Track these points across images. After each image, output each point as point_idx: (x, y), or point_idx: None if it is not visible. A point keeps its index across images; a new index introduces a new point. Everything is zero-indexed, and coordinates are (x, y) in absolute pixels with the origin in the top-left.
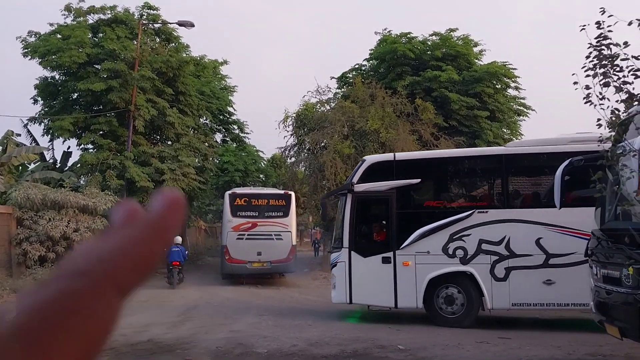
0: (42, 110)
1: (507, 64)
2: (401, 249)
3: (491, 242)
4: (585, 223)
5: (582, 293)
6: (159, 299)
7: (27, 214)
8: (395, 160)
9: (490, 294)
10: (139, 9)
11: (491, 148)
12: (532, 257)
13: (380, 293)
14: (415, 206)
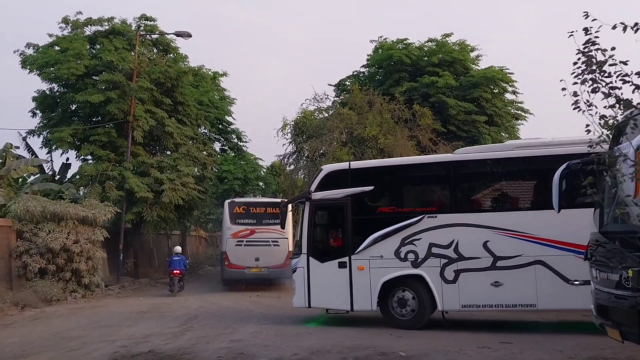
0: (41, 123)
1: (504, 69)
2: (356, 254)
3: (441, 245)
4: (531, 226)
5: (529, 294)
6: (159, 309)
7: (27, 226)
8: (350, 168)
9: (440, 295)
10: (136, 20)
11: (440, 155)
12: (480, 259)
13: (337, 297)
14: (369, 212)
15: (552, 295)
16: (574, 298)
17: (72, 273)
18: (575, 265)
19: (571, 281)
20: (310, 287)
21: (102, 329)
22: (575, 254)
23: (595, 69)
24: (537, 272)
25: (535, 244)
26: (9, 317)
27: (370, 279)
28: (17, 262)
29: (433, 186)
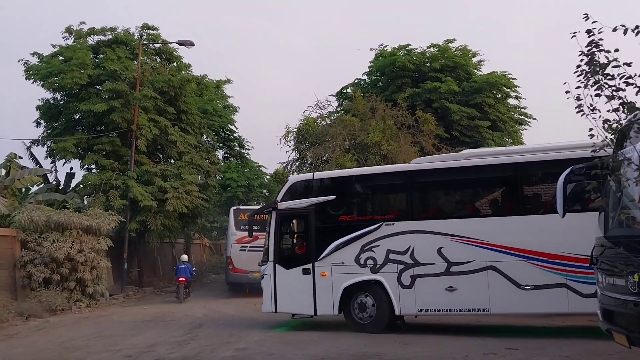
0: (45, 132)
1: (506, 74)
2: (319, 261)
3: (398, 252)
4: (483, 232)
5: (482, 299)
6: (163, 318)
7: (31, 236)
8: (314, 179)
9: (398, 300)
10: (139, 29)
11: (397, 165)
12: (435, 265)
13: (302, 302)
14: (331, 221)
15: (504, 299)
16: (525, 303)
17: (76, 282)
18: (526, 271)
19: (522, 286)
20: (276, 293)
21: (107, 338)
22: (526, 260)
23: (599, 71)
24: (490, 277)
25: (487, 250)
26: (14, 327)
27: (332, 285)
28: (22, 272)
29: (391, 195)
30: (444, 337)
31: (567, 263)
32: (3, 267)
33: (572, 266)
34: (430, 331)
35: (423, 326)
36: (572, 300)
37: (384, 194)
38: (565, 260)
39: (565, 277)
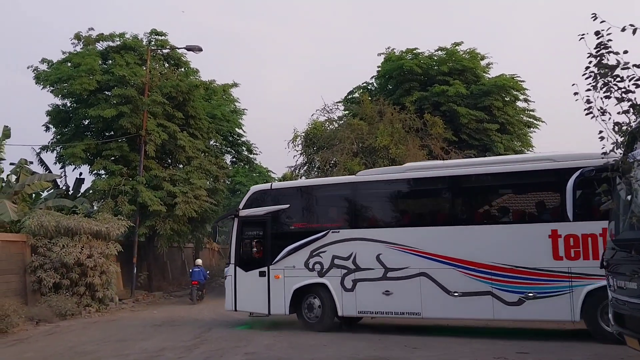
0: (54, 138)
1: (515, 77)
2: (274, 264)
3: (342, 257)
4: (416, 240)
5: (414, 303)
6: (173, 322)
7: (41, 241)
8: (272, 189)
9: (341, 302)
10: (147, 35)
11: (343, 177)
12: (374, 270)
13: (258, 302)
14: (285, 228)
15: (435, 304)
16: (454, 308)
17: (86, 287)
18: (455, 278)
19: (451, 292)
20: (236, 293)
21: (116, 343)
22: (455, 268)
23: (608, 73)
24: (422, 283)
25: (420, 258)
26: (24, 332)
27: (284, 287)
28: (32, 277)
29: (338, 204)
30: (453, 341)
31: (493, 272)
32: (14, 272)
33: (498, 275)
34: (439, 334)
35: (431, 329)
36: (497, 308)
37: (331, 203)
38: (491, 269)
39: (491, 286)
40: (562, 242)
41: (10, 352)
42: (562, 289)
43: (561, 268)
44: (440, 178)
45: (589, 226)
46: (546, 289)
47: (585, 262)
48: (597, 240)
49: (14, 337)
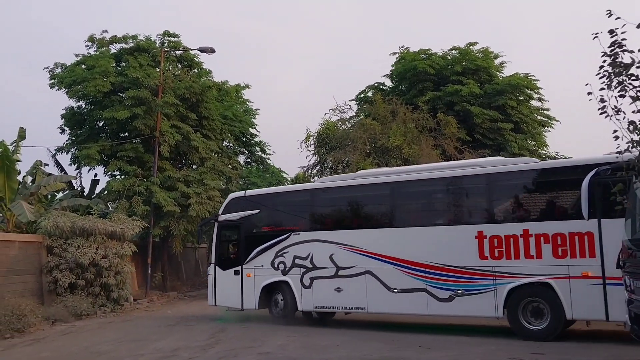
0: (69, 140)
1: (529, 76)
2: (246, 264)
3: (301, 257)
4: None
5: (361, 299)
6: (187, 322)
7: (56, 242)
8: (245, 196)
9: (300, 298)
10: (160, 37)
11: (303, 184)
12: (327, 269)
13: (233, 298)
14: (255, 231)
15: (378, 300)
16: (394, 303)
17: (101, 287)
18: (395, 276)
19: (392, 289)
20: (216, 290)
21: (131, 343)
22: (395, 266)
23: (622, 72)
24: (367, 280)
25: (365, 257)
26: (41, 332)
27: (254, 284)
28: (48, 277)
29: (298, 209)
30: (467, 341)
31: (427, 270)
32: (30, 273)
33: (431, 273)
34: (454, 334)
35: (446, 329)
36: (431, 304)
37: (293, 208)
38: (425, 267)
39: (425, 283)
40: (487, 242)
41: (27, 351)
42: (487, 286)
43: (486, 267)
44: (381, 184)
45: (511, 228)
46: (473, 287)
47: (507, 262)
48: (519, 241)
49: (30, 337)
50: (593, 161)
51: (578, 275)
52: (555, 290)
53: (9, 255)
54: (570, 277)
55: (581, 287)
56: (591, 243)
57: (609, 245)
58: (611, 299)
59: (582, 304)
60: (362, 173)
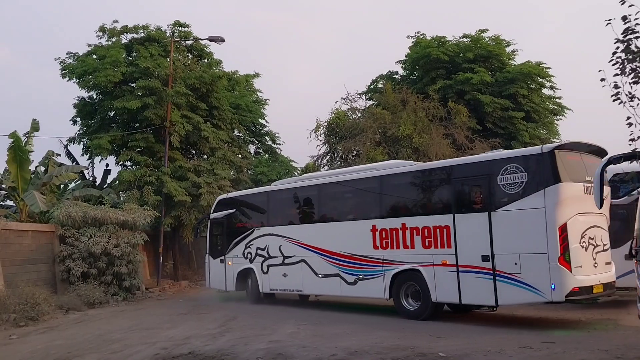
0: (81, 130)
1: (541, 64)
2: (227, 254)
3: (261, 248)
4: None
5: (298, 283)
6: (198, 310)
7: (69, 231)
8: (227, 197)
9: (261, 282)
10: (171, 26)
11: (263, 187)
12: (277, 258)
13: (220, 282)
14: (233, 226)
15: (310, 284)
16: (320, 286)
17: (113, 276)
18: (320, 263)
19: (318, 274)
20: (210, 275)
21: (143, 331)
22: (320, 256)
23: (636, 58)
24: (302, 267)
25: (301, 248)
26: (54, 320)
27: (233, 270)
28: (61, 267)
29: (259, 208)
30: (477, 330)
31: (340, 259)
32: (43, 262)
33: (342, 261)
34: (465, 323)
35: (457, 318)
36: (342, 287)
37: (257, 207)
38: (338, 256)
39: (339, 269)
40: (378, 235)
41: (42, 339)
42: (378, 272)
43: (377, 256)
44: (310, 186)
45: (394, 222)
46: (369, 273)
47: (391, 251)
48: (399, 233)
49: (44, 325)
50: (451, 163)
51: (439, 263)
52: (424, 276)
53: (22, 244)
54: (434, 264)
55: (442, 273)
56: (448, 235)
57: (461, 237)
58: (463, 284)
59: (443, 288)
60: (303, 176)
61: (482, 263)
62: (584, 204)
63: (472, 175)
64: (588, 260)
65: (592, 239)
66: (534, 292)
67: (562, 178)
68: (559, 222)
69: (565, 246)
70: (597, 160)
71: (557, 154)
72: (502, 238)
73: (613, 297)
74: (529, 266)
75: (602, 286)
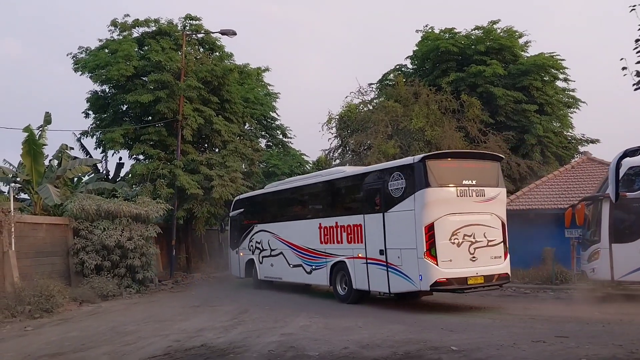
0: (94, 124)
1: (554, 55)
2: (239, 247)
3: (258, 242)
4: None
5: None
6: (211, 303)
7: (82, 224)
8: (239, 199)
9: (259, 271)
10: (182, 20)
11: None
12: (267, 250)
13: (236, 269)
14: (243, 224)
15: (285, 273)
16: (291, 275)
17: (126, 269)
18: (291, 255)
19: (290, 265)
20: (231, 264)
21: (156, 323)
22: (291, 249)
23: None
24: (280, 259)
25: (280, 242)
26: (69, 312)
27: (243, 260)
28: (75, 259)
29: (258, 208)
30: (490, 324)
31: (302, 252)
32: (57, 255)
33: (304, 254)
34: (477, 318)
35: (469, 312)
36: (304, 275)
37: (256, 207)
38: (301, 250)
39: (301, 261)
40: (322, 231)
41: (56, 331)
42: (323, 263)
43: (322, 249)
44: (285, 190)
45: (330, 220)
46: (319, 263)
47: (330, 245)
48: (334, 230)
49: (59, 317)
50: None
51: (356, 256)
52: (348, 266)
53: (37, 237)
54: (353, 257)
55: (358, 265)
56: (361, 233)
57: (368, 234)
58: (370, 274)
59: (359, 277)
60: (285, 180)
61: (379, 256)
62: (457, 205)
63: (374, 182)
64: (461, 254)
65: (470, 235)
66: (410, 282)
67: (431, 184)
68: (426, 222)
69: (431, 243)
70: (479, 165)
71: (426, 162)
72: (391, 235)
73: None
74: (406, 259)
75: (482, 278)
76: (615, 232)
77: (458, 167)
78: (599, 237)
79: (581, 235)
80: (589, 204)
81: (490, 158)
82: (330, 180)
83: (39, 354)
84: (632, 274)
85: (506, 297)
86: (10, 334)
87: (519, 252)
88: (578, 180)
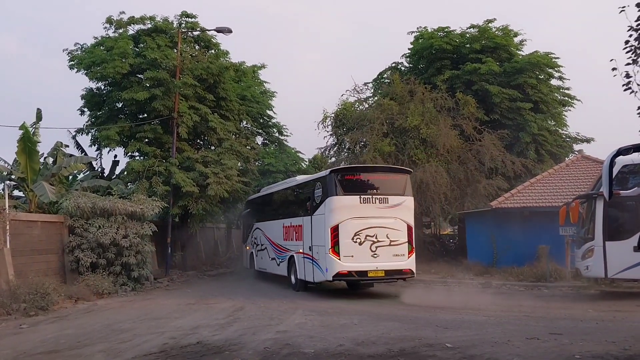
0: (89, 121)
1: (549, 54)
2: (247, 242)
3: (256, 238)
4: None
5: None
6: (206, 301)
7: (78, 222)
8: (247, 200)
9: (255, 262)
10: (178, 17)
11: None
12: (260, 245)
13: (245, 260)
14: (249, 222)
15: (269, 265)
16: (271, 267)
17: (122, 267)
18: (271, 250)
19: (272, 258)
20: (243, 257)
21: (152, 321)
22: (270, 245)
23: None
24: (265, 253)
25: (266, 239)
26: (64, 310)
27: (248, 254)
28: (70, 257)
29: (258, 208)
30: (485, 322)
31: (275, 247)
32: (52, 252)
33: (276, 249)
34: (472, 315)
35: (464, 310)
36: (282, 267)
37: (255, 207)
38: (275, 245)
39: (275, 255)
40: (285, 230)
41: (52, 328)
42: (284, 257)
43: (284, 245)
44: (269, 193)
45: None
46: (282, 257)
47: (288, 242)
48: (289, 229)
49: (54, 314)
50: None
51: (300, 251)
52: (295, 260)
53: (32, 235)
54: (297, 252)
55: (300, 258)
56: (301, 232)
57: (305, 233)
58: (306, 266)
59: (301, 269)
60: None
61: (309, 252)
62: (360, 211)
63: (308, 190)
64: (363, 252)
65: (372, 236)
66: (322, 273)
67: (337, 193)
68: (331, 224)
69: (336, 241)
70: (386, 177)
71: (333, 176)
72: (314, 235)
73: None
74: (321, 255)
75: (383, 272)
76: (609, 230)
77: (363, 179)
78: (593, 234)
79: (575, 233)
80: (583, 202)
81: (399, 171)
82: (287, 188)
83: (35, 352)
84: (625, 271)
85: (500, 295)
86: (5, 331)
87: (513, 250)
88: (572, 178)
